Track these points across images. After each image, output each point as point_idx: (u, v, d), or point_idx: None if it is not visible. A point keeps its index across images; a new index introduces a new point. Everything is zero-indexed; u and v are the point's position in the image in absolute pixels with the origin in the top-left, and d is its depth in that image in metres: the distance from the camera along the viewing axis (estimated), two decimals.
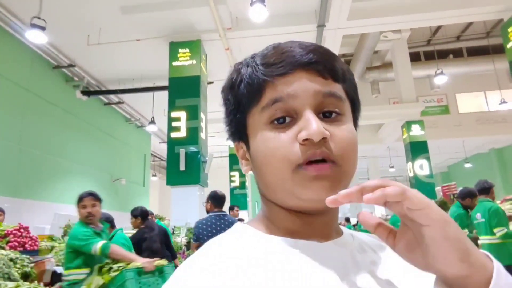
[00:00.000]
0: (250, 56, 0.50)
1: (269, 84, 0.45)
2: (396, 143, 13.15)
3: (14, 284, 1.55)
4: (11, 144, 6.66)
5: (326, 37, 7.22)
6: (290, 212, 0.47)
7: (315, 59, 0.45)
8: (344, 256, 0.45)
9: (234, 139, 0.52)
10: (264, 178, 0.46)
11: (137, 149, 12.13)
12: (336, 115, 0.45)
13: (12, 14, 6.34)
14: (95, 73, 8.92)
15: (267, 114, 0.45)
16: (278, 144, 0.43)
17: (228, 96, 0.50)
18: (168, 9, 6.46)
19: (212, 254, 0.42)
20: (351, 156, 0.45)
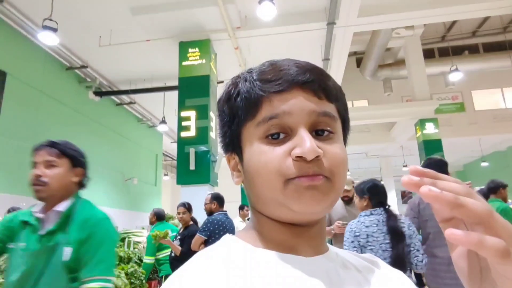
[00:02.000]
0: (247, 70, 0.52)
1: (266, 100, 0.46)
2: (409, 141, 12.94)
3: None
4: (25, 144, 6.79)
5: (336, 35, 7.14)
6: (280, 224, 0.48)
7: (311, 79, 0.47)
8: (329, 270, 0.46)
9: (227, 150, 0.54)
10: (255, 189, 0.48)
11: (148, 149, 12.25)
12: (329, 133, 0.47)
13: (24, 16, 6.47)
14: (107, 74, 9.04)
15: (262, 129, 0.46)
16: (271, 157, 0.45)
17: (224, 108, 0.52)
18: (177, 9, 6.48)
19: (201, 267, 0.43)
20: (342, 173, 0.46)
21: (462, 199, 0.31)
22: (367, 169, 18.37)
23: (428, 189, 0.31)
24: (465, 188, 0.33)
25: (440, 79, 13.09)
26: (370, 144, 13.96)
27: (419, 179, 0.33)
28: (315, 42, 7.59)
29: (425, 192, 0.31)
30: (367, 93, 14.60)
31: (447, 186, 0.33)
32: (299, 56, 0.52)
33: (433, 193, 0.31)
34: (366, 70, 12.48)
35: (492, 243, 0.30)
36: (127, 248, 4.34)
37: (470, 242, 0.29)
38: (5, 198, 5.98)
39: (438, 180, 0.34)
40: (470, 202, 0.31)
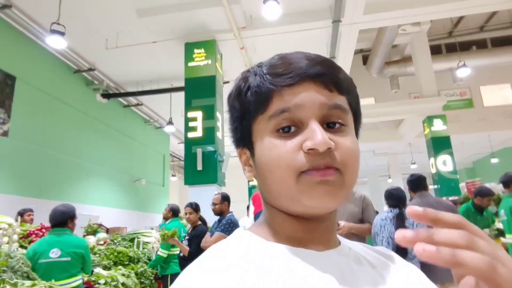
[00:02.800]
0: (257, 64, 0.51)
1: (276, 94, 0.46)
2: (417, 139, 12.82)
3: (30, 283, 1.59)
4: (35, 147, 6.88)
5: (342, 32, 7.11)
6: (292, 217, 0.48)
7: (322, 72, 0.46)
8: (342, 265, 0.46)
9: (238, 145, 0.53)
10: (267, 184, 0.47)
11: (156, 150, 12.33)
12: (340, 126, 0.46)
13: (32, 21, 6.56)
14: (114, 76, 9.11)
15: (273, 123, 0.46)
16: (283, 152, 0.44)
17: (234, 103, 0.51)
18: (183, 10, 6.51)
19: (216, 260, 0.43)
20: (354, 165, 0.46)
21: (460, 256, 0.29)
22: (375, 167, 18.26)
23: (422, 249, 0.29)
24: (466, 236, 0.30)
25: (447, 75, 12.94)
26: (377, 142, 13.86)
27: (413, 235, 0.31)
28: (321, 40, 7.57)
29: (420, 251, 0.29)
30: (373, 91, 14.49)
31: (444, 238, 0.30)
32: None
33: (428, 252, 0.29)
34: (372, 67, 12.40)
35: (471, 256, 0.29)
36: (137, 248, 4.37)
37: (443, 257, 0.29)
38: (15, 200, 6.07)
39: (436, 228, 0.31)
40: (469, 259, 0.29)
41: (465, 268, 0.29)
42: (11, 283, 1.63)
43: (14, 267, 1.92)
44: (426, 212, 0.33)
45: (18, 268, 1.92)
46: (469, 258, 0.29)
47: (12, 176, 6.26)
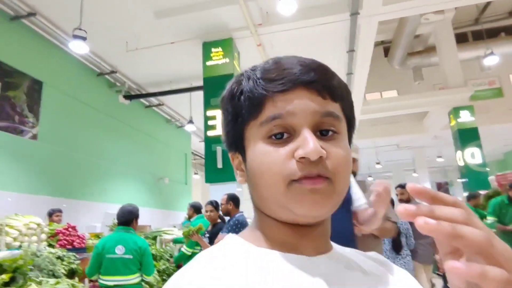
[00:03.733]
0: (250, 68, 0.51)
1: (269, 100, 0.46)
2: (443, 131, 12.41)
3: (54, 281, 1.67)
4: (62, 149, 7.15)
5: (361, 25, 6.95)
6: (283, 224, 0.47)
7: (315, 78, 0.46)
8: (331, 271, 0.45)
9: (231, 149, 0.53)
10: (258, 190, 0.48)
11: (178, 149, 12.53)
12: (333, 134, 0.46)
13: (56, 27, 6.78)
14: (135, 78, 9.31)
15: (265, 129, 0.46)
16: (275, 159, 0.44)
17: (227, 107, 0.51)
18: (199, 10, 6.56)
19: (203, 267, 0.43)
20: (345, 174, 0.46)
21: (460, 229, 0.30)
22: (399, 161, 17.84)
23: (424, 222, 0.30)
24: (464, 214, 0.32)
25: (474, 64, 12.43)
26: (401, 135, 13.53)
27: (415, 210, 0.32)
28: (339, 34, 7.44)
29: (421, 224, 0.30)
30: (396, 83, 14.14)
31: (444, 214, 0.32)
32: (323, 50, 0.51)
33: (430, 225, 0.30)
34: (394, 59, 12.08)
35: (494, 274, 0.29)
36: (159, 246, 4.47)
37: (472, 274, 0.29)
38: (44, 200, 6.33)
39: (436, 205, 0.33)
40: (469, 232, 0.30)
41: (465, 241, 0.30)
42: (37, 281, 1.71)
43: (40, 266, 2.00)
44: (426, 189, 0.34)
45: (44, 266, 2.01)
46: (469, 231, 0.30)
47: (42, 177, 6.53)
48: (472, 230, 0.30)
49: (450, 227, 0.30)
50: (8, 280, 1.70)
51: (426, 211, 0.32)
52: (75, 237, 3.63)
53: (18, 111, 6.30)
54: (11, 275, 1.73)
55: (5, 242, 2.88)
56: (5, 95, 6.08)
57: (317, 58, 0.50)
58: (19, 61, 6.35)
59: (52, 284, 1.62)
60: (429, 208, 0.32)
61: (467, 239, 0.30)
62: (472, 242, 0.30)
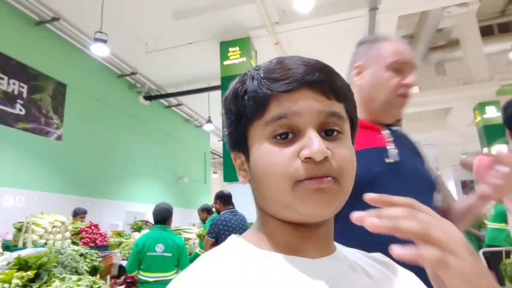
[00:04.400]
0: (254, 68, 0.51)
1: (274, 100, 0.46)
2: (468, 127, 12.02)
3: (76, 278, 1.72)
4: (86, 149, 7.36)
5: (380, 20, 6.81)
6: (287, 224, 0.47)
7: (320, 78, 0.46)
8: (335, 273, 0.45)
9: (233, 149, 0.53)
10: (262, 191, 0.47)
11: (197, 148, 12.67)
12: (337, 134, 0.46)
13: (78, 30, 6.98)
14: (155, 79, 9.47)
15: (270, 129, 0.46)
16: (280, 159, 0.44)
17: (230, 107, 0.51)
18: (216, 10, 6.60)
19: (203, 270, 0.43)
20: (350, 174, 0.46)
21: (397, 223, 0.35)
22: None
23: (369, 221, 0.36)
24: (407, 212, 0.36)
25: (501, 58, 11.96)
26: (423, 132, 13.18)
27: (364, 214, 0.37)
28: (357, 30, 7.31)
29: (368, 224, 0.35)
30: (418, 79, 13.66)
31: (389, 213, 0.36)
32: (341, 46, 0.51)
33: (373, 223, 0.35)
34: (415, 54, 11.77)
35: (427, 253, 0.33)
36: None
37: (409, 256, 0.33)
38: (69, 199, 6.54)
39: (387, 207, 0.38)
40: (406, 224, 0.35)
41: (403, 232, 0.35)
42: (60, 277, 1.77)
43: (64, 263, 2.07)
44: (381, 196, 0.39)
45: (67, 263, 2.08)
46: (406, 224, 0.35)
47: (66, 177, 6.74)
48: (409, 223, 0.35)
49: (390, 223, 0.35)
50: (33, 276, 1.76)
51: (373, 213, 0.36)
52: (98, 235, 3.73)
53: (44, 113, 6.53)
54: (36, 272, 1.80)
55: (31, 239, 3.00)
56: (31, 98, 6.31)
57: (335, 55, 0.50)
58: (44, 65, 6.58)
59: (74, 281, 1.67)
60: (376, 212, 0.37)
61: (403, 230, 0.35)
62: (408, 231, 0.35)
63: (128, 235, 4.62)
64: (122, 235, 4.51)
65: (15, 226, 3.15)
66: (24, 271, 1.75)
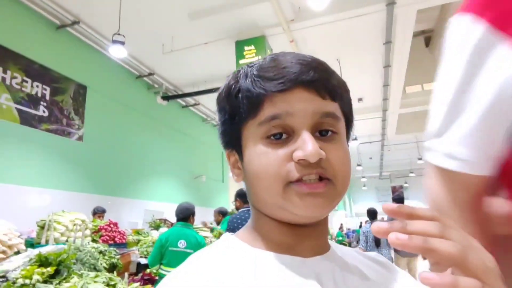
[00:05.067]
0: (248, 65, 0.50)
1: (267, 99, 0.45)
2: None
3: (94, 274, 1.77)
4: (106, 149, 7.54)
5: (398, 15, 6.67)
6: (280, 223, 0.47)
7: (315, 78, 0.45)
8: (327, 272, 0.45)
9: (227, 147, 0.53)
10: (255, 190, 0.47)
11: (214, 147, 12.75)
12: (332, 134, 0.46)
13: (97, 33, 7.16)
14: (172, 79, 9.60)
15: (263, 129, 0.45)
16: (272, 160, 0.44)
17: (224, 105, 0.51)
18: (232, 9, 6.63)
19: (196, 267, 0.43)
20: (345, 175, 0.45)
21: (431, 243, 0.30)
22: None
23: (395, 237, 0.30)
24: (439, 227, 0.32)
25: None
26: None
27: (387, 226, 0.32)
28: (375, 26, 7.19)
29: (393, 240, 0.30)
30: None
31: (416, 228, 0.32)
32: (358, 43, 0.49)
33: (401, 240, 0.30)
34: (436, 49, 11.48)
35: (465, 284, 0.29)
36: None
37: (443, 285, 0.29)
38: (90, 197, 6.71)
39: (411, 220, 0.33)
40: (441, 246, 0.30)
41: (437, 255, 0.30)
42: (78, 274, 1.82)
43: (82, 260, 2.13)
44: (401, 207, 0.34)
45: (86, 260, 2.14)
46: (440, 245, 0.30)
47: (87, 176, 6.93)
48: (445, 244, 0.30)
49: (421, 241, 0.30)
50: (53, 272, 1.82)
51: (399, 227, 0.32)
52: (116, 233, 3.82)
53: (66, 114, 6.73)
54: (56, 268, 1.86)
55: (53, 237, 3.10)
56: (54, 100, 6.51)
57: (352, 51, 0.48)
58: (65, 67, 6.77)
59: (92, 277, 1.72)
60: (402, 224, 0.32)
61: (438, 253, 0.30)
62: (444, 255, 0.30)
63: (146, 233, 4.71)
64: (140, 233, 4.60)
65: (38, 224, 3.27)
66: (44, 267, 1.82)
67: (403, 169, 20.53)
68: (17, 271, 1.78)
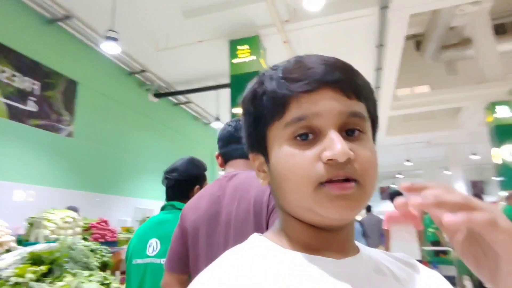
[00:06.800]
0: (272, 67, 0.50)
1: (293, 101, 0.45)
2: (479, 127, 11.85)
3: (88, 273, 1.76)
4: (96, 146, 7.45)
5: (391, 19, 6.74)
6: (309, 226, 0.47)
7: (341, 78, 0.45)
8: (361, 274, 0.45)
9: (252, 150, 0.53)
10: (283, 192, 0.47)
11: (205, 146, 12.70)
12: (359, 134, 0.45)
13: (90, 29, 7.05)
14: (165, 76, 9.53)
15: (290, 130, 0.45)
16: (300, 161, 0.43)
17: (249, 108, 0.50)
18: (226, 8, 6.61)
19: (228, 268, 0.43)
20: (373, 175, 0.45)
21: (442, 197, 0.36)
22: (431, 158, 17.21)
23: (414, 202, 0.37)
24: (445, 189, 0.38)
25: None
26: (433, 131, 13.04)
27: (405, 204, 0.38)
28: (368, 28, 7.26)
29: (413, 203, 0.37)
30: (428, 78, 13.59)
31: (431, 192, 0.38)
32: (351, 45, 0.50)
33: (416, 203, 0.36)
34: (426, 52, 11.63)
35: (479, 215, 0.35)
36: None
37: (462, 220, 0.35)
38: (80, 195, 6.63)
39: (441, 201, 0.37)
40: (448, 197, 0.36)
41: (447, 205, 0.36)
42: (72, 272, 1.81)
43: (75, 258, 2.11)
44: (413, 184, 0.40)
45: (79, 259, 2.12)
46: (448, 196, 0.37)
47: (77, 173, 6.84)
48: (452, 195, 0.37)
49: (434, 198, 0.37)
50: (46, 271, 1.80)
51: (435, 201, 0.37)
52: (107, 231, 3.79)
53: (55, 110, 6.62)
54: (49, 267, 1.84)
55: (43, 235, 3.06)
56: (43, 95, 6.41)
57: (344, 53, 0.50)
58: (56, 62, 6.67)
59: (86, 276, 1.70)
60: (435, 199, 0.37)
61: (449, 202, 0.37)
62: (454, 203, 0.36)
63: None
64: (131, 231, 4.56)
65: (28, 221, 3.22)
66: (37, 265, 1.80)
67: (391, 171, 20.76)
68: (9, 269, 1.76)
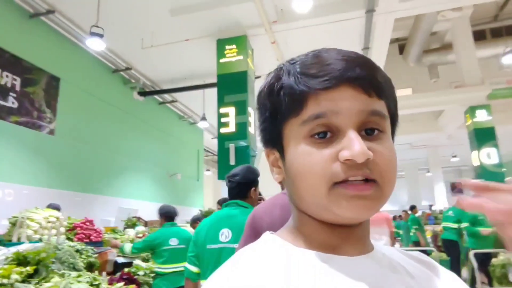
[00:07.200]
0: (289, 61, 0.48)
1: (311, 97, 0.43)
2: (459, 130, 12.20)
3: (76, 274, 1.72)
4: (79, 144, 7.29)
5: (376, 22, 6.87)
6: (323, 224, 0.46)
7: (361, 75, 0.43)
8: (375, 272, 0.44)
9: (267, 145, 0.51)
10: (298, 191, 0.46)
11: (190, 145, 12.62)
12: (378, 133, 0.44)
13: (74, 24, 6.89)
14: (150, 74, 9.40)
15: (307, 128, 0.43)
16: (317, 160, 0.42)
17: (265, 102, 0.49)
18: (214, 7, 6.58)
19: (244, 268, 0.42)
20: (392, 176, 0.43)
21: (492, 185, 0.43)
22: (413, 160, 17.59)
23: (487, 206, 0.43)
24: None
25: (493, 62, 12.16)
26: (415, 134, 13.34)
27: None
28: (354, 31, 7.37)
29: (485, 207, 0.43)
30: (411, 81, 13.93)
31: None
32: (338, 47, 0.47)
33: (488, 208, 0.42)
34: (409, 56, 11.91)
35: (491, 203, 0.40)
36: None
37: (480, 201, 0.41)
38: (61, 194, 6.47)
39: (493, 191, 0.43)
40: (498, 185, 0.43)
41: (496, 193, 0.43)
42: (59, 273, 1.76)
43: (61, 259, 2.06)
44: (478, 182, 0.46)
45: (65, 259, 2.07)
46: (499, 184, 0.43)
47: (58, 172, 6.67)
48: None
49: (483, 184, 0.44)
50: (32, 272, 1.75)
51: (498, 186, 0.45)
52: (92, 231, 3.71)
53: (37, 106, 6.44)
54: (35, 268, 1.79)
55: (26, 234, 2.97)
56: (24, 91, 6.22)
57: None
58: (38, 58, 6.48)
59: (74, 277, 1.66)
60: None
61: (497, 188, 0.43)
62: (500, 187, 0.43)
63: (122, 232, 4.59)
64: (116, 232, 4.48)
65: (10, 220, 3.12)
66: (23, 266, 1.74)
67: None
68: None
